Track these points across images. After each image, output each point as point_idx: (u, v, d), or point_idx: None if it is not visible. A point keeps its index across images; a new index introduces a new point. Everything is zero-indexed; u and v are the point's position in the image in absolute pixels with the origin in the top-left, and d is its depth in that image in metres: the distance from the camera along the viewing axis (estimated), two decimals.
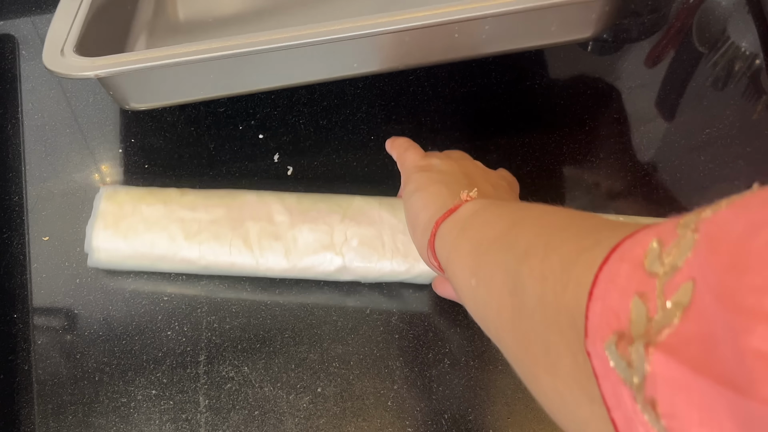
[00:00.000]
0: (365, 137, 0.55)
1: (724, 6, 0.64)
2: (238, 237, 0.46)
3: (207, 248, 0.46)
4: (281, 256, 0.46)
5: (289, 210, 0.47)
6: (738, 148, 0.55)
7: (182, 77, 0.48)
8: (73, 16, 0.49)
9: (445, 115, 0.57)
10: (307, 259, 0.46)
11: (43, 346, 0.46)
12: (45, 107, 0.56)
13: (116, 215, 0.47)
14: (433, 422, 0.44)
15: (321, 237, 0.46)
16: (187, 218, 0.47)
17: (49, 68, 0.46)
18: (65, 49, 0.47)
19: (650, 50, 0.61)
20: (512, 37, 0.50)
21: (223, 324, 0.47)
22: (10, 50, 0.59)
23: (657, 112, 0.58)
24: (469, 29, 0.47)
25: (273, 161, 0.54)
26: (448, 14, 0.45)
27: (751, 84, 0.59)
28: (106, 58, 0.47)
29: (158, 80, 0.49)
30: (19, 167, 0.53)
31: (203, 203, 0.47)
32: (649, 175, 0.54)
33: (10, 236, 0.50)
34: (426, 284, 0.47)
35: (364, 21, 0.45)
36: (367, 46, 0.48)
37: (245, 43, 0.45)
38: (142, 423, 0.43)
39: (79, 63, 0.46)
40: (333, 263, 0.46)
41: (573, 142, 0.55)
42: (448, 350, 0.46)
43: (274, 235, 0.46)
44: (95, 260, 0.47)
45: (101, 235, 0.46)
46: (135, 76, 0.47)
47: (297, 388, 0.45)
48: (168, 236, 0.46)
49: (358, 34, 0.45)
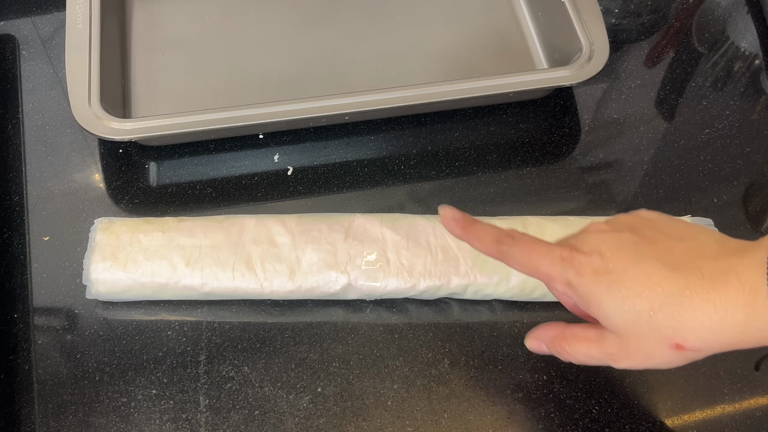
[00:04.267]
0: (365, 138, 0.55)
1: (724, 6, 0.64)
2: (241, 261, 0.46)
3: (209, 274, 0.45)
4: (286, 278, 0.46)
5: (289, 231, 0.47)
6: (738, 148, 0.55)
7: (207, 134, 0.54)
8: (87, 66, 0.51)
9: (445, 114, 0.57)
10: (312, 279, 0.46)
11: (44, 346, 0.46)
12: (45, 107, 0.56)
13: (114, 246, 0.46)
14: (433, 422, 0.44)
15: (325, 257, 0.46)
16: (187, 245, 0.46)
17: (86, 128, 0.49)
18: (92, 100, 0.50)
19: (650, 50, 0.61)
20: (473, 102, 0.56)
21: (223, 324, 0.47)
22: (11, 50, 0.59)
23: (657, 112, 0.58)
24: (437, 106, 0.55)
25: (273, 161, 0.54)
26: (413, 98, 0.52)
27: (750, 84, 0.59)
28: (143, 121, 0.50)
29: (184, 136, 0.53)
30: (20, 167, 0.53)
31: (202, 229, 0.47)
32: (649, 175, 0.54)
33: (11, 236, 0.50)
34: (430, 300, 0.47)
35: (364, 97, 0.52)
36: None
37: (273, 113, 0.51)
38: (142, 423, 0.43)
39: (117, 126, 0.49)
40: (338, 282, 0.46)
41: (572, 142, 0.55)
42: (448, 350, 0.46)
43: (277, 257, 0.46)
44: (94, 293, 0.46)
45: (99, 267, 0.45)
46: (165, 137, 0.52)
47: (297, 387, 0.45)
48: (169, 264, 0.45)
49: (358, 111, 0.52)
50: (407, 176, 0.53)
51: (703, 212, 0.51)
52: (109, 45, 0.55)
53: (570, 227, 0.47)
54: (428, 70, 0.58)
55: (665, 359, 0.34)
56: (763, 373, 0.45)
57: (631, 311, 0.33)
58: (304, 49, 0.59)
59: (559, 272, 0.35)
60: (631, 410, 0.44)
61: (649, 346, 0.33)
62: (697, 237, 0.35)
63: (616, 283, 0.33)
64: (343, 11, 0.61)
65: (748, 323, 0.31)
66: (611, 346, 0.35)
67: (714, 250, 0.33)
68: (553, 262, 0.35)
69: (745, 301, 0.31)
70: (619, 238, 0.35)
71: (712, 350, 0.33)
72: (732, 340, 0.32)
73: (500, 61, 0.59)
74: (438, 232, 0.47)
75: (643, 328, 0.33)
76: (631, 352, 0.34)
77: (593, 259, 0.34)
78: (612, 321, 0.34)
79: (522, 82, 0.52)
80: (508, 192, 0.53)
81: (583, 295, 0.34)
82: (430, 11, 0.61)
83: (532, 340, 0.39)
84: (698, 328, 0.32)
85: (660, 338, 0.33)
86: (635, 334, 0.33)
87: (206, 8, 0.61)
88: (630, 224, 0.36)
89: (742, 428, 0.44)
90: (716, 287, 0.32)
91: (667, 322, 0.32)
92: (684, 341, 0.33)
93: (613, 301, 0.33)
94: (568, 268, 0.34)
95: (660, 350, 0.33)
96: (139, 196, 0.52)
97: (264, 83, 0.57)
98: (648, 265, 0.33)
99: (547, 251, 0.35)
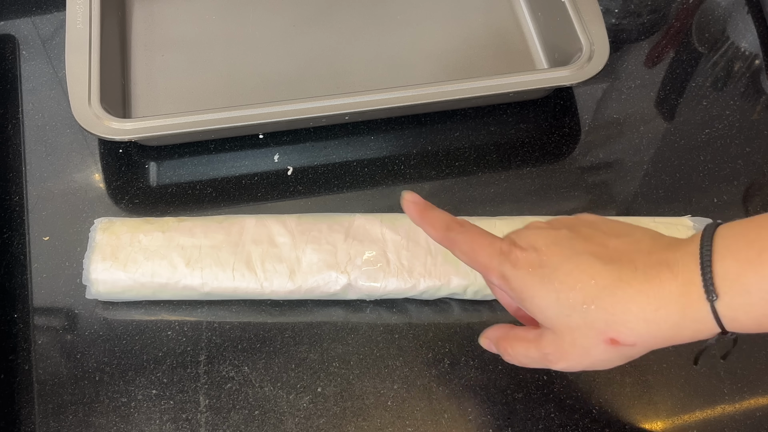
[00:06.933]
0: (365, 138, 0.55)
1: (724, 6, 0.64)
2: (241, 261, 0.46)
3: (209, 274, 0.45)
4: (286, 278, 0.46)
5: (289, 231, 0.47)
6: (738, 148, 0.55)
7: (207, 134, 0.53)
8: (87, 66, 0.51)
9: (445, 114, 0.57)
10: (312, 279, 0.46)
11: (44, 346, 0.46)
12: (45, 107, 0.56)
13: (114, 246, 0.46)
14: (433, 422, 0.44)
15: (325, 257, 0.46)
16: (187, 245, 0.46)
17: (86, 128, 0.49)
18: (92, 101, 0.50)
19: (650, 50, 0.61)
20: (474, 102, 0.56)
21: (223, 324, 0.47)
22: (11, 50, 0.59)
23: (657, 112, 0.58)
24: (437, 106, 0.55)
25: (273, 161, 0.54)
26: (414, 98, 0.51)
27: (750, 84, 0.59)
28: (143, 121, 0.50)
29: (184, 136, 0.53)
30: (20, 167, 0.53)
31: (202, 229, 0.47)
32: (649, 175, 0.54)
33: (11, 236, 0.50)
34: (430, 300, 0.47)
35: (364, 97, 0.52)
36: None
37: (273, 113, 0.51)
38: (142, 423, 0.43)
39: (117, 126, 0.49)
40: (338, 282, 0.46)
41: (572, 142, 0.55)
42: (448, 350, 0.46)
43: (277, 257, 0.46)
44: (94, 293, 0.46)
45: (99, 267, 0.45)
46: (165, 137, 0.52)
47: (297, 387, 0.45)
48: (169, 264, 0.45)
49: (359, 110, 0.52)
50: (407, 176, 0.53)
51: (703, 212, 0.51)
52: (109, 45, 0.55)
53: None
54: (428, 70, 0.58)
55: (601, 356, 0.34)
56: (764, 373, 0.45)
57: (565, 304, 0.33)
58: (304, 49, 0.59)
59: (496, 264, 0.35)
60: (631, 410, 0.44)
61: (583, 341, 0.33)
62: (633, 234, 0.35)
63: (549, 276, 0.34)
64: (343, 11, 0.61)
65: (683, 314, 0.31)
66: (547, 345, 0.35)
67: (648, 245, 0.34)
68: (492, 254, 0.36)
69: (678, 292, 0.31)
70: (555, 235, 0.35)
71: (648, 345, 0.33)
72: (668, 334, 0.32)
73: (500, 61, 0.59)
74: None
75: (577, 322, 0.33)
76: (567, 350, 0.34)
77: (529, 253, 0.35)
78: (546, 314, 0.34)
79: (522, 82, 0.52)
80: (508, 192, 0.53)
81: (517, 287, 0.35)
82: (430, 11, 0.61)
83: (483, 339, 0.40)
84: (632, 320, 0.32)
85: (594, 332, 0.33)
86: (569, 328, 0.33)
87: (206, 8, 0.61)
88: (568, 224, 0.36)
89: (742, 428, 0.44)
90: (649, 279, 0.32)
91: (601, 314, 0.32)
92: (618, 335, 0.33)
93: (547, 294, 0.34)
94: (504, 261, 0.35)
95: (595, 346, 0.33)
96: (139, 196, 0.52)
97: (264, 83, 0.57)
98: (582, 259, 0.33)
99: (489, 243, 0.36)
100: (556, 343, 0.34)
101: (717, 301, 0.31)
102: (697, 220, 0.49)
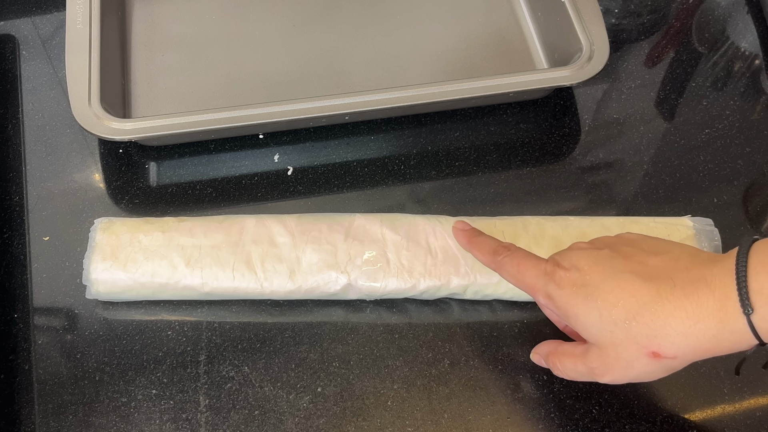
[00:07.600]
0: (365, 138, 0.55)
1: (724, 6, 0.64)
2: (241, 261, 0.46)
3: (209, 274, 0.45)
4: (286, 278, 0.46)
5: (289, 231, 0.47)
6: (738, 148, 0.55)
7: (207, 134, 0.53)
8: (87, 66, 0.51)
9: (445, 114, 0.57)
10: (312, 279, 0.46)
11: (44, 346, 0.46)
12: (45, 107, 0.56)
13: (114, 246, 0.46)
14: (433, 422, 0.44)
15: (325, 257, 0.46)
16: (187, 245, 0.46)
17: (86, 128, 0.49)
18: (92, 101, 0.50)
19: (650, 50, 0.61)
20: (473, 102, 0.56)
21: (223, 324, 0.47)
22: (11, 50, 0.59)
23: (657, 112, 0.58)
24: (437, 106, 0.55)
25: (273, 161, 0.54)
26: (414, 98, 0.52)
27: (750, 84, 0.59)
28: (143, 121, 0.50)
29: (184, 136, 0.53)
30: (20, 167, 0.53)
31: (202, 229, 0.47)
32: (649, 175, 0.54)
33: (11, 236, 0.50)
34: (430, 300, 0.47)
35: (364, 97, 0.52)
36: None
37: (273, 113, 0.51)
38: (142, 422, 0.43)
39: (117, 126, 0.49)
40: (338, 282, 0.46)
41: (572, 142, 0.55)
42: (448, 350, 0.46)
43: (277, 257, 0.46)
44: (94, 293, 0.46)
45: (99, 267, 0.45)
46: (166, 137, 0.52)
47: (297, 387, 0.45)
48: (169, 264, 0.45)
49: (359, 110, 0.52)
50: (407, 176, 0.53)
51: (703, 212, 0.51)
52: (109, 45, 0.55)
53: (570, 227, 0.48)
54: (428, 70, 0.58)
55: (644, 369, 0.35)
56: (763, 373, 0.45)
57: (608, 320, 0.35)
58: (304, 49, 0.59)
59: (541, 284, 0.38)
60: (631, 410, 0.44)
61: (627, 355, 0.35)
62: (672, 251, 0.36)
63: (592, 294, 0.35)
64: (343, 11, 0.61)
65: (720, 328, 0.33)
66: (593, 360, 0.37)
67: (686, 261, 0.35)
68: (538, 275, 0.38)
69: (715, 307, 0.33)
70: (597, 255, 0.37)
71: (688, 357, 0.35)
72: (706, 346, 0.34)
73: (500, 61, 0.59)
74: (438, 233, 0.47)
75: (620, 337, 0.35)
76: (612, 364, 0.36)
77: (572, 273, 0.36)
78: (590, 331, 0.36)
79: (522, 82, 0.52)
80: (508, 192, 0.53)
81: (562, 306, 0.37)
82: (430, 11, 0.61)
83: (534, 354, 0.43)
84: (672, 334, 0.34)
85: (636, 347, 0.35)
86: (613, 344, 0.35)
87: (206, 8, 0.61)
88: (609, 243, 0.38)
89: (742, 428, 0.44)
90: (687, 295, 0.33)
91: (642, 329, 0.34)
92: (659, 348, 0.34)
93: (590, 311, 0.35)
94: (549, 281, 0.37)
95: (638, 359, 0.35)
96: (139, 196, 0.52)
97: (264, 83, 0.57)
98: (623, 277, 0.35)
99: (534, 264, 0.38)
100: (602, 357, 0.36)
101: (753, 314, 0.32)
102: (697, 220, 0.49)
